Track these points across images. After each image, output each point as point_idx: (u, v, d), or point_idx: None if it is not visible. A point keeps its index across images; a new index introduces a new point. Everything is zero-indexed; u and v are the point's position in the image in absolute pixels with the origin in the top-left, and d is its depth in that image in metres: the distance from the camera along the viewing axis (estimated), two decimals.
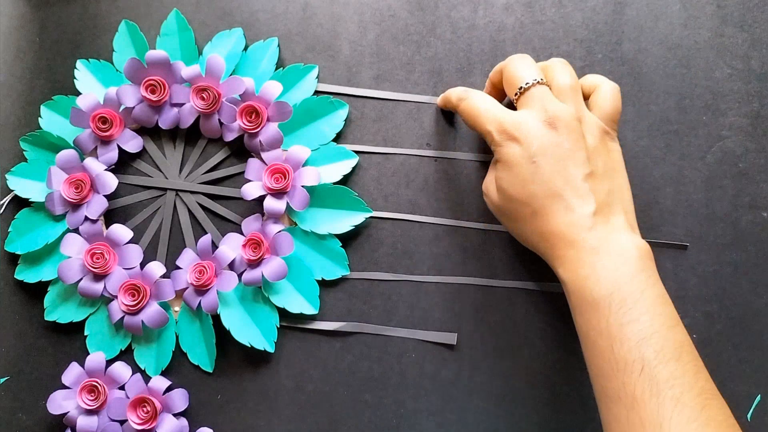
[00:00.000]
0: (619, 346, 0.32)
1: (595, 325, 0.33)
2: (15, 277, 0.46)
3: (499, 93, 0.41)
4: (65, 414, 0.44)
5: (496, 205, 0.39)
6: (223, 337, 0.45)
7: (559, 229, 0.35)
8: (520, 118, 0.36)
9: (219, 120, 0.45)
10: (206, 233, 0.46)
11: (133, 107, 0.45)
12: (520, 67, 0.38)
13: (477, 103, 0.38)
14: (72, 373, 0.45)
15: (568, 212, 0.35)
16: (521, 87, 0.37)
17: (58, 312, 0.46)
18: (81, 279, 0.44)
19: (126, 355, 0.46)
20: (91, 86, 0.47)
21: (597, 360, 0.33)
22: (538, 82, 0.37)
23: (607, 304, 0.33)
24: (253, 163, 0.45)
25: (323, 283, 0.45)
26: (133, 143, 0.46)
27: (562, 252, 0.35)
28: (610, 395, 0.32)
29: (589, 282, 0.34)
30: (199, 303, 0.44)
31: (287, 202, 0.44)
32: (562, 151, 0.35)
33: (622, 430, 0.31)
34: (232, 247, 0.44)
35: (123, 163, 0.47)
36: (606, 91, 0.38)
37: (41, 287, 0.46)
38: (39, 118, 0.47)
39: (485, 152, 0.45)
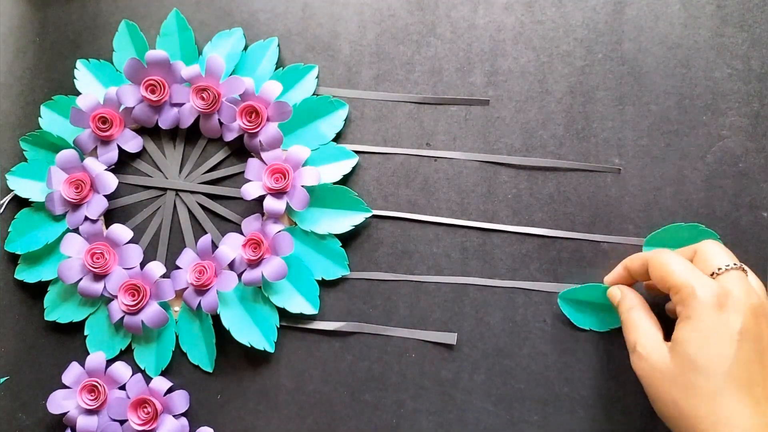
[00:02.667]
0: None
1: None
2: (15, 277, 0.46)
3: (630, 282, 0.40)
4: (65, 414, 0.44)
5: (664, 369, 0.34)
6: (223, 337, 0.45)
7: (742, 426, 0.31)
8: (731, 289, 0.33)
9: (219, 120, 0.45)
10: (206, 233, 0.46)
11: (133, 107, 0.45)
12: (711, 252, 0.36)
13: (675, 260, 0.35)
14: (72, 372, 0.45)
15: (756, 413, 0.31)
16: (720, 268, 0.34)
17: (58, 312, 0.46)
18: (81, 279, 0.44)
19: (126, 355, 0.46)
20: (91, 86, 0.47)
21: None
22: (737, 267, 0.34)
23: None
24: (253, 163, 0.45)
25: (323, 283, 0.45)
26: (133, 143, 0.46)
27: None
28: None
29: None
30: (199, 303, 0.44)
31: (287, 202, 0.44)
32: (763, 345, 0.32)
33: None
34: (232, 247, 0.44)
35: (123, 163, 0.47)
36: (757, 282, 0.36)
37: (41, 287, 0.46)
38: (39, 118, 0.47)
39: (485, 152, 0.45)
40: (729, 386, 0.32)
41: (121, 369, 0.45)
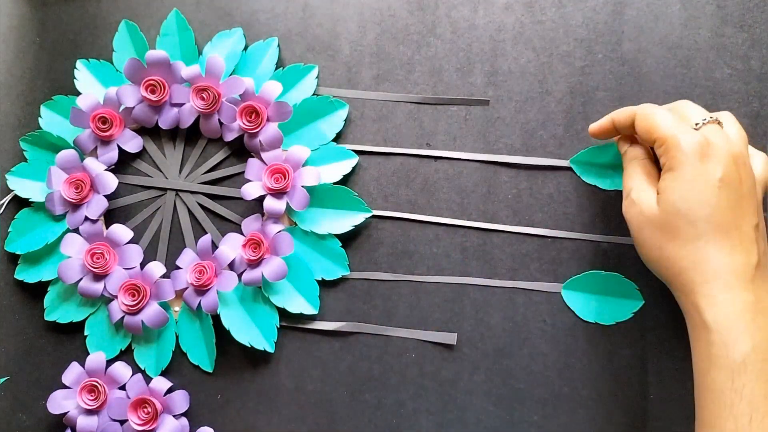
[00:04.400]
0: (759, 418, 0.30)
1: (738, 387, 0.31)
2: (15, 277, 0.46)
3: (614, 135, 0.41)
4: (65, 414, 0.44)
5: (650, 215, 0.35)
6: (223, 337, 0.45)
7: (719, 267, 0.33)
8: (710, 138, 0.34)
9: (219, 120, 0.45)
10: (206, 233, 0.46)
11: (133, 107, 0.45)
12: (687, 108, 0.37)
13: (659, 113, 0.36)
14: (72, 372, 0.45)
15: (733, 254, 0.33)
16: (697, 123, 0.35)
17: (58, 312, 0.46)
18: (81, 279, 0.44)
19: (126, 355, 0.46)
20: (91, 86, 0.47)
21: (727, 423, 0.31)
22: (713, 120, 0.35)
23: (759, 369, 0.31)
24: (253, 163, 0.45)
25: (323, 283, 0.45)
26: (133, 143, 0.46)
27: (716, 293, 0.33)
28: None
29: (742, 339, 0.32)
30: (199, 303, 0.44)
31: (287, 202, 0.44)
32: (742, 191, 0.34)
33: None
34: (232, 247, 0.44)
35: (123, 163, 0.47)
36: (761, 158, 0.37)
37: (41, 287, 0.46)
38: (39, 118, 0.47)
39: (485, 152, 0.45)
40: (709, 230, 0.33)
41: (122, 369, 0.45)
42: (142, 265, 0.45)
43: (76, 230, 0.45)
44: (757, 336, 0.32)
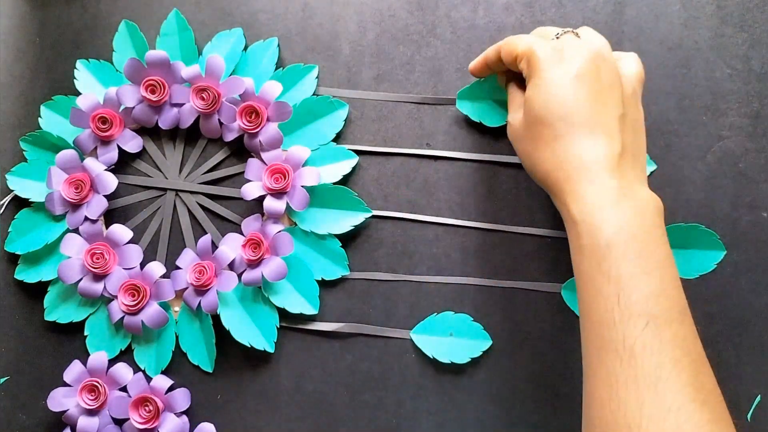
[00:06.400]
0: (627, 296, 0.31)
1: (605, 270, 0.31)
2: (15, 277, 0.46)
3: (489, 73, 0.42)
4: (65, 411, 0.44)
5: (520, 128, 0.37)
6: (223, 337, 0.45)
7: (581, 161, 0.33)
8: (566, 44, 0.35)
9: (219, 120, 0.45)
10: (206, 233, 0.46)
11: (133, 107, 0.45)
12: (546, 29, 0.38)
13: (519, 37, 0.37)
14: (74, 370, 0.45)
15: (595, 146, 0.33)
16: (557, 34, 0.36)
17: (58, 312, 0.46)
18: (81, 279, 0.44)
19: (126, 355, 0.46)
20: (91, 86, 0.47)
21: (598, 307, 0.31)
22: (570, 31, 0.36)
23: (623, 251, 0.31)
24: (253, 163, 0.45)
25: (323, 283, 0.45)
26: (133, 143, 0.46)
27: (580, 187, 0.33)
28: (605, 345, 0.31)
29: (606, 225, 0.32)
30: (199, 303, 0.44)
31: (287, 202, 0.44)
32: (601, 84, 0.34)
33: (612, 382, 0.30)
34: (232, 247, 0.44)
35: (123, 163, 0.47)
36: (631, 56, 0.38)
37: (41, 287, 0.46)
38: (39, 118, 0.47)
39: (485, 152, 0.45)
40: (569, 128, 0.34)
41: (123, 370, 0.45)
42: (142, 265, 0.45)
43: (76, 230, 0.45)
44: (620, 219, 0.32)
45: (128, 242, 0.45)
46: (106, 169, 0.45)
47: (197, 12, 0.47)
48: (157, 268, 0.45)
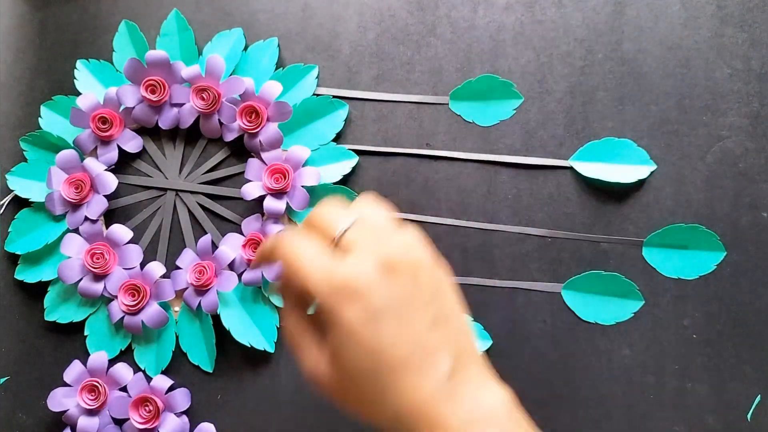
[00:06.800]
0: None
1: None
2: (15, 277, 0.46)
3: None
4: (65, 411, 0.44)
5: (335, 387, 0.30)
6: (223, 337, 0.45)
7: (416, 407, 0.28)
8: (353, 269, 0.28)
9: (219, 120, 0.45)
10: (206, 233, 0.46)
11: (133, 107, 0.45)
12: (327, 214, 0.30)
13: (299, 250, 0.29)
14: (74, 370, 0.45)
15: (423, 381, 0.28)
16: (339, 233, 0.29)
17: (58, 312, 0.46)
18: (81, 279, 0.44)
19: (126, 355, 0.46)
20: (91, 86, 0.47)
21: None
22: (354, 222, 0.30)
23: None
24: (253, 163, 0.45)
25: None
26: (133, 143, 0.46)
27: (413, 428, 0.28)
28: None
29: None
30: (199, 303, 0.44)
31: (287, 202, 0.44)
32: (403, 301, 0.28)
33: None
34: (232, 247, 0.44)
35: (123, 163, 0.47)
36: (408, 234, 0.31)
37: (41, 287, 0.46)
38: (39, 118, 0.47)
39: (485, 152, 0.45)
40: (385, 376, 0.28)
41: (123, 371, 0.45)
42: (142, 265, 0.45)
43: (76, 230, 0.45)
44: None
45: (128, 242, 0.45)
46: (106, 169, 0.45)
47: (197, 12, 0.47)
48: (157, 268, 0.45)
